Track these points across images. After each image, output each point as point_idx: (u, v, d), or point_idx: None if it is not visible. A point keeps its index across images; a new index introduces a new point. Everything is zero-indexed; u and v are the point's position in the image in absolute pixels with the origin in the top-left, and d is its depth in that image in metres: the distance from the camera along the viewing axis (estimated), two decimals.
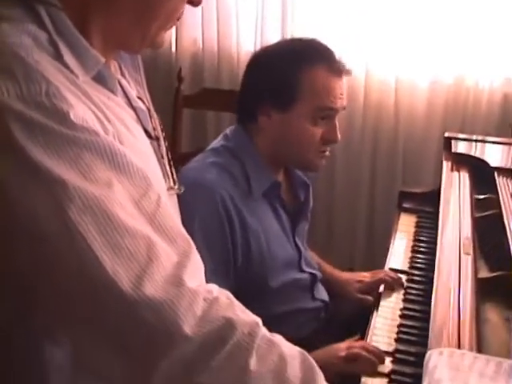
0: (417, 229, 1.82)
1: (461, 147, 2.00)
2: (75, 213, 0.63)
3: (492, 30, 2.38)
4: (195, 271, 0.69)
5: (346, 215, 2.72)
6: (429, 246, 1.65)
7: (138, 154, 0.75)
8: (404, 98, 2.53)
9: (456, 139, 2.05)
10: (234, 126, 1.51)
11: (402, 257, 1.67)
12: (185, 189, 1.31)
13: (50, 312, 0.71)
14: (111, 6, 0.75)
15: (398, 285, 1.52)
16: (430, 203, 1.82)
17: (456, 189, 1.76)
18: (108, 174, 0.67)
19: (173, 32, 2.73)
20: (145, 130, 0.86)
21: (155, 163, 0.86)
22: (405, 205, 1.97)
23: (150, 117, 0.89)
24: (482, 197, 1.69)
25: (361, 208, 2.69)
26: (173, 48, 2.76)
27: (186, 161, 1.51)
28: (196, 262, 0.71)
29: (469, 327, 1.16)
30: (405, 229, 1.84)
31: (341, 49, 2.50)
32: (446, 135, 2.07)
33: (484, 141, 2.07)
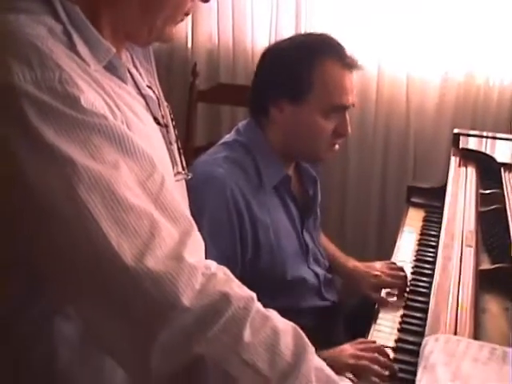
0: (424, 223, 1.85)
1: (469, 143, 2.02)
2: (83, 191, 0.67)
3: (502, 28, 2.39)
4: (195, 249, 0.73)
5: (358, 210, 2.74)
6: (435, 240, 1.67)
7: (146, 139, 0.79)
8: (415, 95, 2.55)
9: (464, 135, 2.07)
10: (246, 120, 1.52)
11: (409, 250, 1.69)
12: (196, 182, 1.35)
13: (60, 286, 0.75)
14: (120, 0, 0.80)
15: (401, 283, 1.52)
16: (439, 198, 1.83)
17: (462, 183, 1.79)
18: (115, 156, 0.71)
19: (189, 28, 2.77)
20: (154, 118, 0.90)
21: (163, 148, 0.90)
22: (413, 199, 1.99)
23: (159, 105, 0.93)
24: (488, 192, 1.71)
25: (372, 203, 2.71)
26: (189, 44, 2.80)
27: (200, 154, 1.54)
28: (196, 241, 0.75)
29: (466, 316, 1.18)
30: (413, 223, 1.86)
31: (354, 46, 2.53)
32: (455, 131, 2.09)
33: (492, 137, 2.09)
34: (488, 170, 1.84)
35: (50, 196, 0.68)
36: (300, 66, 1.40)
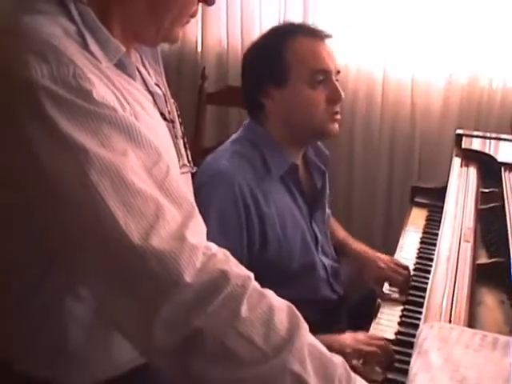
0: (427, 222, 1.88)
1: (471, 144, 2.06)
2: (94, 175, 0.73)
3: (506, 32, 2.43)
4: (197, 231, 0.79)
5: (364, 210, 2.78)
6: (437, 238, 1.68)
7: (152, 132, 0.85)
8: (420, 98, 2.60)
9: (467, 136, 2.10)
10: (248, 121, 1.58)
11: (412, 248, 1.73)
12: (205, 177, 1.40)
13: (72, 266, 0.81)
14: (128, 1, 0.86)
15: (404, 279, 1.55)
16: (442, 198, 1.84)
17: (463, 183, 1.81)
18: (124, 145, 0.77)
19: (199, 32, 2.84)
20: (161, 113, 0.96)
21: (169, 142, 0.96)
22: (417, 199, 2.03)
23: (166, 102, 1.00)
24: (487, 190, 1.74)
25: (378, 203, 2.75)
26: (198, 48, 2.86)
27: (208, 155, 1.57)
28: (198, 224, 0.80)
29: (461, 306, 1.20)
30: (415, 222, 1.90)
31: (360, 51, 2.60)
32: (457, 132, 2.13)
33: (494, 138, 2.12)
34: (489, 170, 1.87)
35: (63, 180, 0.74)
36: (274, 51, 1.47)
